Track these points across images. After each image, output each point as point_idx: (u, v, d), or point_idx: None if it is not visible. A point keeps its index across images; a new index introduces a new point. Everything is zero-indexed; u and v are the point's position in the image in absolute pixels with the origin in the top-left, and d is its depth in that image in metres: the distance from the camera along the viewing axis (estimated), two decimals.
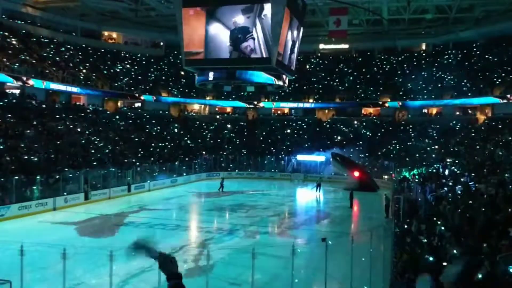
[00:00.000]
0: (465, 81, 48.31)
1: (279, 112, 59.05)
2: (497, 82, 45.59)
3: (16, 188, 25.38)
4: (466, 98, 47.25)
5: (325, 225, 25.17)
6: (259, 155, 48.39)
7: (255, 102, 56.55)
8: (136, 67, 55.67)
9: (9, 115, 34.72)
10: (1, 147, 30.08)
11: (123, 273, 13.73)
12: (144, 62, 57.03)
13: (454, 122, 48.10)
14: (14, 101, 38.44)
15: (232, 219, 26.17)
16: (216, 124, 55.79)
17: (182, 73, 53.03)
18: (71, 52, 49.14)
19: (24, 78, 39.44)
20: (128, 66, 55.03)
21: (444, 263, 10.06)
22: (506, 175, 20.70)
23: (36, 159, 30.83)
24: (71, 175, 30.13)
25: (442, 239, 11.89)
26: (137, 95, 52.56)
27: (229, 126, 55.49)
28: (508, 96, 42.84)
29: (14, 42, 42.96)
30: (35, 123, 36.13)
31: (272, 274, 14.71)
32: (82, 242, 18.84)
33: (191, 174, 43.52)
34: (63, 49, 48.47)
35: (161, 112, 54.05)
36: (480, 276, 7.94)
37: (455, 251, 10.24)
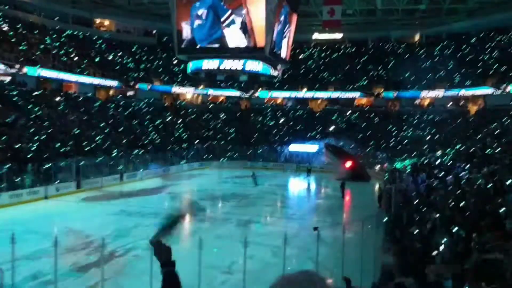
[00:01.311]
0: (457, 72, 48.45)
1: (272, 102, 58.95)
2: (490, 74, 45.77)
3: (7, 176, 25.23)
4: (458, 88, 47.42)
5: (317, 214, 25.29)
6: (252, 144, 48.40)
7: (251, 91, 56.38)
8: (128, 56, 55.19)
9: None
10: None
11: (117, 262, 13.74)
12: (136, 51, 56.57)
13: (446, 113, 48.33)
14: (5, 88, 38.09)
15: (224, 208, 26.24)
16: (208, 113, 55.64)
17: (175, 62, 52.70)
18: (62, 39, 48.57)
19: (18, 66, 39.00)
20: (120, 54, 54.51)
21: (434, 252, 10.17)
22: (497, 166, 20.86)
23: (27, 147, 30.59)
24: (63, 164, 29.98)
25: (433, 229, 11.99)
26: (131, 84, 52.19)
27: (222, 115, 55.36)
28: (502, 86, 43.05)
29: (4, 29, 42.37)
30: (26, 110, 35.81)
31: (264, 262, 14.78)
32: (73, 230, 18.81)
33: (183, 164, 43.48)
34: (55, 36, 47.88)
35: (153, 101, 53.73)
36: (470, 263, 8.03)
37: (445, 240, 10.34)
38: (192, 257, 10.80)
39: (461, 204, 13.53)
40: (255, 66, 23.57)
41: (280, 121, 53.91)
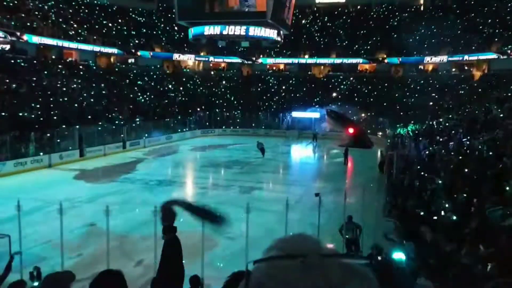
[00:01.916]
0: (462, 37, 47.73)
1: (274, 68, 58.42)
2: (495, 38, 45.10)
3: (11, 144, 25.36)
4: (463, 54, 46.84)
5: (319, 181, 25.42)
6: (254, 111, 48.29)
7: (253, 58, 55.80)
8: (128, 22, 54.39)
9: (0, 71, 34.11)
10: None
11: (120, 228, 13.95)
12: (136, 17, 55.70)
13: (450, 78, 47.90)
14: (5, 56, 37.75)
15: (227, 175, 26.43)
16: (210, 80, 55.25)
17: (176, 28, 52.00)
18: (60, 5, 47.75)
19: (18, 33, 38.57)
20: (120, 21, 53.73)
21: (435, 217, 10.29)
22: (499, 131, 20.82)
23: (30, 116, 30.61)
24: (65, 132, 30.07)
25: (434, 194, 12.09)
26: (132, 51, 51.66)
27: (223, 82, 55.01)
28: (509, 51, 42.46)
29: None
30: (27, 79, 35.59)
31: (267, 228, 14.99)
32: (78, 197, 19.04)
33: (186, 131, 43.54)
34: (53, 2, 47.06)
35: (154, 68, 53.34)
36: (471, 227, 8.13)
37: (446, 205, 10.44)
38: (194, 223, 10.95)
39: (462, 170, 13.59)
40: (258, 31, 23.31)
41: (282, 88, 53.54)
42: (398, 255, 4.99)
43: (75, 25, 47.19)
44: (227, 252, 13.01)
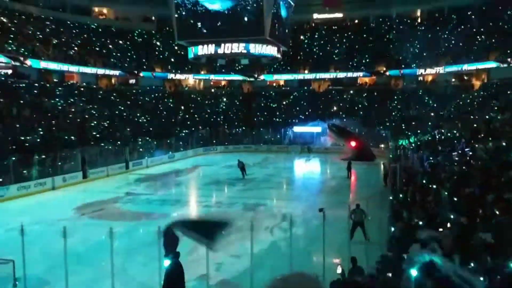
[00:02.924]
0: (460, 47, 47.91)
1: (274, 84, 58.70)
2: (493, 47, 45.24)
3: (14, 168, 25.37)
4: (462, 63, 46.96)
5: (322, 195, 25.32)
6: (256, 128, 48.39)
7: (255, 75, 56.07)
8: (128, 43, 54.86)
9: (2, 95, 34.33)
10: None
11: (124, 249, 13.87)
12: (136, 38, 56.18)
13: (450, 88, 47.95)
14: (8, 81, 38.09)
15: (230, 193, 26.36)
16: (211, 98, 55.51)
17: (176, 48, 52.40)
18: (61, 29, 48.24)
19: (22, 58, 38.95)
20: (120, 42, 54.18)
21: (440, 229, 10.20)
22: (502, 140, 20.77)
23: (33, 139, 30.70)
24: (68, 154, 30.09)
25: (438, 205, 12.01)
26: (135, 72, 52.00)
27: (224, 99, 55.25)
28: (509, 60, 42.51)
29: (4, 20, 42.07)
30: (29, 102, 35.83)
31: (271, 245, 14.92)
32: (82, 220, 19.01)
33: (188, 149, 43.58)
34: (53, 26, 47.58)
35: (155, 87, 53.68)
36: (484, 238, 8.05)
37: (451, 217, 10.36)
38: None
39: (466, 180, 13.53)
40: (259, 48, 23.51)
41: (283, 104, 53.70)
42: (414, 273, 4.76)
43: (75, 48, 47.59)
44: (232, 269, 12.91)
